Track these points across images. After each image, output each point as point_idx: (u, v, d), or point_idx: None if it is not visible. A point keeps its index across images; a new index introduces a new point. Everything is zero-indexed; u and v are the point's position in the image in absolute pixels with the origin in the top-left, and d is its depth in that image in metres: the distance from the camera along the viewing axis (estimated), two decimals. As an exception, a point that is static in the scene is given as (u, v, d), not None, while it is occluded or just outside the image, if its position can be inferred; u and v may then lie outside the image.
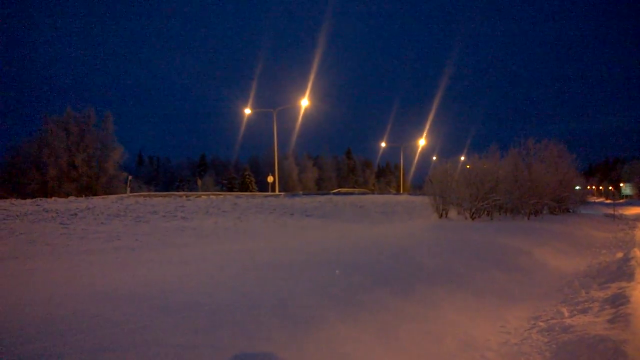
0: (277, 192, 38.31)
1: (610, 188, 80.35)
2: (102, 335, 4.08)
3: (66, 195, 33.95)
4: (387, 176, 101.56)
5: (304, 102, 38.54)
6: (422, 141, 59.70)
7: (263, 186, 63.16)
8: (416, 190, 61.79)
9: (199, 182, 62.38)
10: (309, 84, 41.15)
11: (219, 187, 71.34)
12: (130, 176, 43.59)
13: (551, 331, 5.53)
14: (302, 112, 41.58)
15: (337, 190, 53.94)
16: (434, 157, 55.30)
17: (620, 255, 11.22)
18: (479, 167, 20.45)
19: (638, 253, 10.39)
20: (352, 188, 68.04)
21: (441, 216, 19.29)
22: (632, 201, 66.04)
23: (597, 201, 62.29)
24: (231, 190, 67.00)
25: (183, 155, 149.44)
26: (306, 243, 10.38)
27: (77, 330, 4.14)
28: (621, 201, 62.03)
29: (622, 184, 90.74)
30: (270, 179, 41.70)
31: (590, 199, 50.82)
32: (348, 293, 6.01)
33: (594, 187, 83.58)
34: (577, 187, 30.12)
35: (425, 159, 67.45)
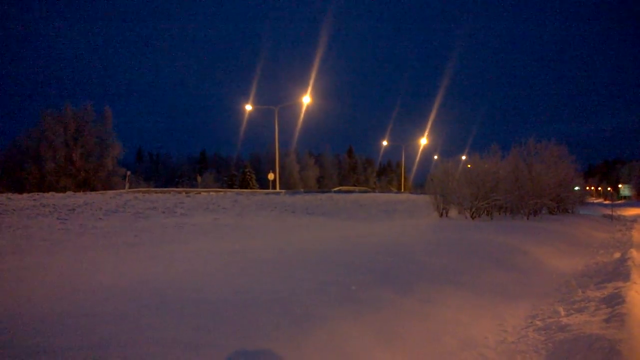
0: (278, 190, 38.34)
1: (609, 189, 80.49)
2: (101, 331, 4.09)
3: (64, 190, 33.94)
4: (389, 175, 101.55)
5: (306, 100, 38.58)
6: (424, 140, 59.83)
7: (264, 183, 63.15)
8: (417, 189, 61.86)
9: (199, 179, 62.36)
10: (311, 82, 41.19)
11: (220, 184, 71.33)
12: (129, 172, 43.54)
13: (548, 330, 5.55)
14: (304, 110, 41.63)
15: (338, 188, 53.96)
16: (436, 156, 55.37)
17: (617, 255, 11.25)
18: (480, 167, 20.50)
19: (635, 253, 10.43)
20: (353, 186, 68.04)
21: (442, 215, 19.32)
22: (631, 202, 66.13)
23: (596, 202, 62.37)
24: (231, 187, 66.98)
25: (183, 151, 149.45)
26: (307, 241, 10.39)
27: (76, 326, 4.15)
28: (620, 202, 62.13)
29: (621, 185, 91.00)
30: (271, 176, 41.72)
31: (589, 200, 50.89)
32: (348, 291, 6.03)
33: (593, 188, 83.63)
34: (577, 188, 30.16)
35: (426, 158, 67.59)
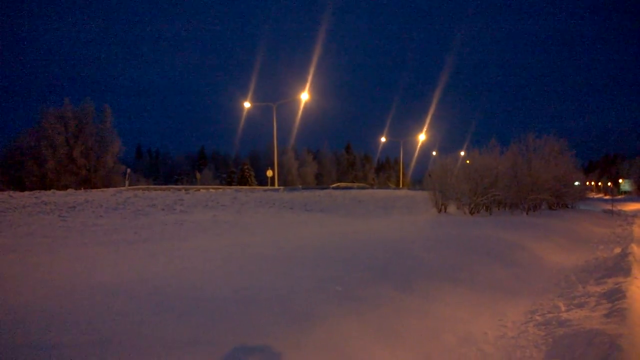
0: (277, 186, 38.31)
1: (609, 184, 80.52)
2: (102, 328, 4.09)
3: (64, 187, 33.93)
4: (387, 171, 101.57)
5: (304, 96, 38.47)
6: (422, 136, 59.70)
7: (262, 180, 63.18)
8: (415, 185, 61.87)
9: (198, 176, 62.35)
10: (309, 78, 41.18)
11: (218, 181, 71.34)
12: (128, 169, 43.55)
13: (548, 325, 5.56)
14: (302, 107, 41.52)
15: (337, 184, 53.95)
16: (434, 152, 55.37)
17: (617, 250, 11.26)
18: (479, 163, 20.45)
19: (635, 249, 10.43)
20: (352, 183, 68.05)
21: (440, 211, 19.31)
22: (631, 197, 66.13)
23: (596, 197, 62.44)
24: (230, 184, 67.00)
25: (182, 148, 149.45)
26: (305, 237, 10.39)
27: (77, 323, 4.15)
28: (620, 197, 62.15)
29: (621, 180, 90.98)
30: (269, 173, 41.73)
31: (589, 195, 50.89)
32: (347, 287, 6.03)
33: (593, 183, 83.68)
34: (577, 183, 30.14)
35: (425, 154, 67.51)
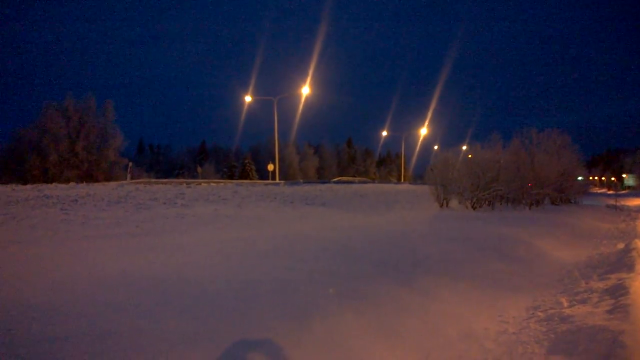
0: (278, 180, 38.29)
1: (612, 179, 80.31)
2: (103, 321, 4.09)
3: (67, 181, 33.98)
4: (388, 165, 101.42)
5: (305, 90, 38.35)
6: (424, 130, 59.56)
7: (263, 174, 63.12)
8: (417, 179, 61.84)
9: (199, 170, 62.31)
10: (310, 72, 41.01)
11: (219, 175, 71.35)
12: (130, 163, 43.53)
13: (550, 321, 5.54)
14: (303, 101, 41.41)
15: (338, 178, 53.89)
16: (436, 147, 55.21)
17: (621, 246, 11.22)
18: (481, 157, 20.39)
19: (639, 244, 10.39)
20: (353, 177, 67.99)
21: (442, 206, 19.27)
22: (634, 192, 65.92)
23: (600, 192, 62.27)
24: (231, 178, 67.02)
25: (183, 142, 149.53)
26: (306, 232, 10.37)
27: (79, 315, 4.16)
28: (623, 192, 61.92)
29: (625, 175, 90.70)
30: (270, 167, 41.70)
31: (592, 190, 50.81)
32: (348, 282, 6.02)
33: (597, 178, 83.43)
34: (580, 178, 30.05)
35: (426, 148, 67.39)
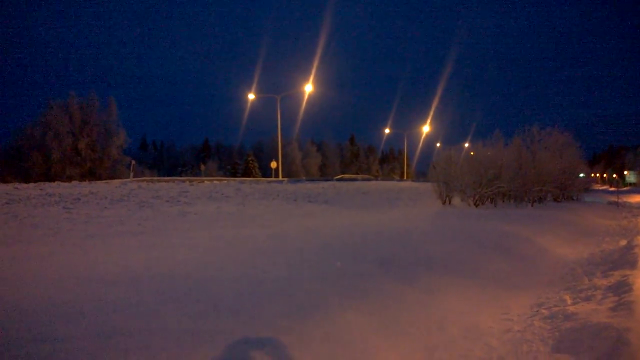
0: (281, 178, 38.31)
1: (614, 176, 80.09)
2: (107, 320, 4.08)
3: (69, 179, 34.03)
4: (391, 162, 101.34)
5: (308, 88, 38.35)
6: (426, 128, 59.49)
7: (266, 172, 63.15)
8: (420, 176, 61.79)
9: (202, 167, 62.36)
10: (313, 70, 40.81)
11: (222, 173, 71.40)
12: (133, 161, 43.60)
13: (554, 319, 5.53)
14: (306, 98, 41.40)
15: (341, 176, 53.90)
16: (438, 144, 55.09)
17: (623, 242, 11.19)
18: (483, 154, 20.37)
19: (642, 241, 10.35)
20: (356, 174, 67.96)
21: (444, 203, 19.25)
22: (636, 189, 65.75)
23: (601, 189, 62.11)
24: (234, 175, 67.04)
25: (186, 140, 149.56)
26: (309, 229, 10.37)
27: (82, 314, 4.15)
28: (625, 189, 61.78)
29: (626, 172, 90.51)
30: (273, 165, 41.70)
31: (594, 187, 50.68)
32: (351, 279, 6.01)
33: (598, 175, 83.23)
34: (581, 175, 29.99)
35: (429, 146, 67.20)
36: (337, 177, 47.53)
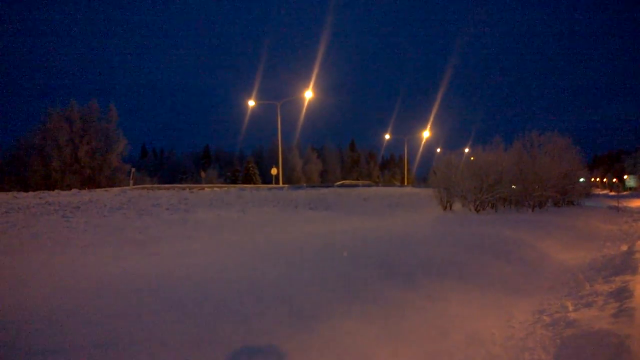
0: (281, 185, 38.29)
1: (614, 180, 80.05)
2: (106, 329, 4.07)
3: (69, 187, 34.02)
4: (392, 168, 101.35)
5: (308, 94, 38.40)
6: (427, 133, 59.50)
7: (267, 178, 63.15)
8: (420, 182, 61.75)
9: (203, 175, 62.38)
10: (313, 76, 41.05)
11: (223, 179, 71.41)
12: (133, 168, 43.55)
13: (555, 325, 5.50)
14: (306, 104, 41.42)
15: (341, 182, 53.86)
16: (438, 149, 55.10)
17: (624, 248, 11.16)
18: (483, 159, 20.37)
19: (643, 246, 10.32)
20: (356, 180, 67.93)
21: (445, 208, 19.24)
22: (636, 193, 65.72)
23: (601, 193, 62.10)
24: (235, 182, 67.06)
25: (187, 147, 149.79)
26: (310, 236, 10.35)
27: (81, 324, 4.13)
28: (625, 193, 61.75)
29: (626, 176, 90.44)
30: (274, 171, 41.69)
31: (594, 192, 50.66)
32: (352, 286, 5.99)
33: (598, 179, 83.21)
34: (582, 180, 29.97)
35: (429, 151, 67.24)
36: (338, 184, 47.52)
